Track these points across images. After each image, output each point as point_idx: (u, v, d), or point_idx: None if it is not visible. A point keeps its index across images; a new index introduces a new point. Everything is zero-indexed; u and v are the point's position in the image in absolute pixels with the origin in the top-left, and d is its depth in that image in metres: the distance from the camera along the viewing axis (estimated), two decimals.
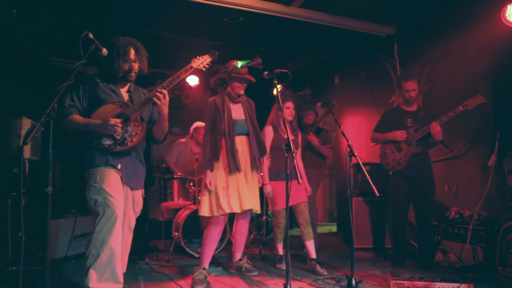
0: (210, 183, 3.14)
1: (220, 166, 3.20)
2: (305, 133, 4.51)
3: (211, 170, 3.19)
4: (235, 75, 3.25)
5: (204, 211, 3.16)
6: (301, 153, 4.29)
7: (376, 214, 4.68)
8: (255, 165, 3.31)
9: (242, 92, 3.34)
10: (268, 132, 3.75)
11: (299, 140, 3.87)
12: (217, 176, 3.19)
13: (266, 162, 3.70)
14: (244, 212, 3.34)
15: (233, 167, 3.16)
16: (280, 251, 3.84)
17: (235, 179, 3.20)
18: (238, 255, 3.56)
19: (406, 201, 3.75)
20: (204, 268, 3.20)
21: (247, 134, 3.33)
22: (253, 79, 3.34)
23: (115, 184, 2.50)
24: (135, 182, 2.68)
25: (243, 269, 3.46)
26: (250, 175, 3.30)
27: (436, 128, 3.51)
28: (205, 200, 3.18)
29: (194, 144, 5.06)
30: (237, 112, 3.35)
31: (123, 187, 2.58)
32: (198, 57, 2.81)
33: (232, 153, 3.18)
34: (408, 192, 3.73)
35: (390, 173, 3.81)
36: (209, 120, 3.29)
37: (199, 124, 4.99)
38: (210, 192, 3.16)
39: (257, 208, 3.29)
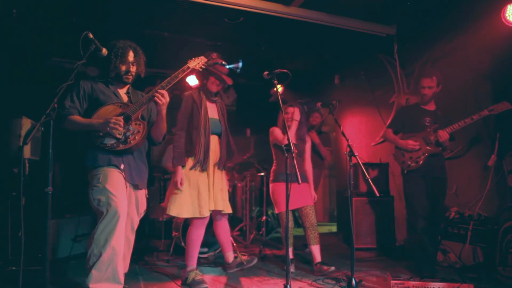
0: (181, 182, 3.05)
1: (194, 163, 3.13)
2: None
3: (183, 166, 3.11)
4: (212, 69, 3.20)
5: (185, 213, 3.07)
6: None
7: (376, 214, 4.68)
8: (220, 165, 3.26)
9: (214, 90, 3.29)
10: (276, 130, 3.69)
11: (306, 146, 3.78)
12: (192, 175, 3.11)
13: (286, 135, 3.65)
14: (220, 212, 3.27)
15: (205, 164, 3.12)
16: (290, 254, 3.79)
17: (207, 178, 3.17)
18: (230, 254, 3.42)
19: (425, 199, 3.48)
20: (196, 269, 3.17)
21: (220, 134, 3.31)
22: (229, 82, 3.29)
23: (118, 184, 2.51)
24: (139, 181, 2.69)
25: (245, 263, 3.32)
26: (218, 174, 3.26)
27: (444, 137, 3.39)
28: (181, 199, 3.07)
29: None
30: (212, 110, 3.31)
31: (126, 187, 2.59)
32: (194, 58, 2.85)
33: (206, 150, 3.14)
34: (426, 191, 3.49)
35: (405, 171, 3.59)
36: (184, 114, 3.22)
37: None
38: (181, 191, 3.07)
39: (228, 209, 3.26)
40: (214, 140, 3.26)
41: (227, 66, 3.16)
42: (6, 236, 3.42)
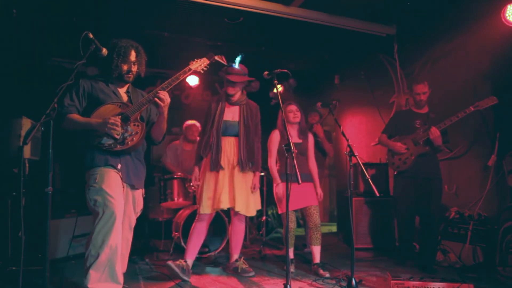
0: (194, 179, 3.43)
1: (207, 165, 3.37)
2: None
3: (199, 167, 3.45)
4: (225, 75, 3.41)
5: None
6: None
7: (376, 214, 4.68)
8: (242, 166, 3.35)
9: (232, 92, 3.41)
10: (274, 137, 3.71)
11: (309, 144, 3.76)
12: (205, 175, 3.36)
13: (274, 164, 3.71)
14: (236, 212, 3.38)
15: (215, 165, 3.31)
16: (291, 255, 3.76)
17: (222, 178, 3.32)
18: (235, 256, 3.55)
19: (412, 201, 3.64)
20: (185, 261, 3.26)
21: (238, 136, 3.40)
22: (235, 80, 3.37)
23: (115, 184, 2.50)
24: (136, 181, 2.69)
25: (239, 270, 3.43)
26: (239, 176, 3.35)
27: (435, 134, 3.48)
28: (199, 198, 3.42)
29: (185, 142, 5.05)
30: (232, 113, 3.45)
31: (123, 187, 2.59)
32: (196, 59, 2.85)
33: (217, 152, 3.34)
34: (415, 192, 3.63)
35: (395, 172, 3.72)
36: (203, 120, 3.54)
37: (189, 122, 5.02)
38: (203, 189, 3.36)
39: (244, 211, 3.33)
40: (228, 141, 3.40)
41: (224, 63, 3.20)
42: (6, 236, 3.42)
